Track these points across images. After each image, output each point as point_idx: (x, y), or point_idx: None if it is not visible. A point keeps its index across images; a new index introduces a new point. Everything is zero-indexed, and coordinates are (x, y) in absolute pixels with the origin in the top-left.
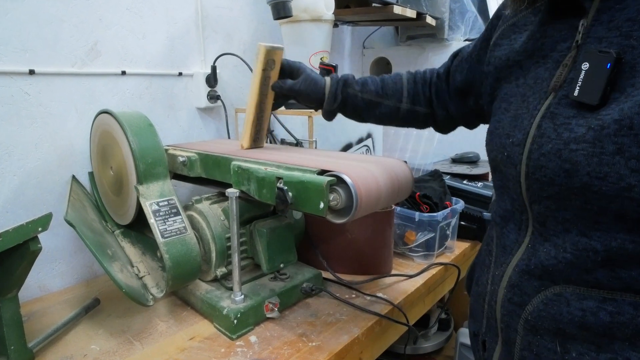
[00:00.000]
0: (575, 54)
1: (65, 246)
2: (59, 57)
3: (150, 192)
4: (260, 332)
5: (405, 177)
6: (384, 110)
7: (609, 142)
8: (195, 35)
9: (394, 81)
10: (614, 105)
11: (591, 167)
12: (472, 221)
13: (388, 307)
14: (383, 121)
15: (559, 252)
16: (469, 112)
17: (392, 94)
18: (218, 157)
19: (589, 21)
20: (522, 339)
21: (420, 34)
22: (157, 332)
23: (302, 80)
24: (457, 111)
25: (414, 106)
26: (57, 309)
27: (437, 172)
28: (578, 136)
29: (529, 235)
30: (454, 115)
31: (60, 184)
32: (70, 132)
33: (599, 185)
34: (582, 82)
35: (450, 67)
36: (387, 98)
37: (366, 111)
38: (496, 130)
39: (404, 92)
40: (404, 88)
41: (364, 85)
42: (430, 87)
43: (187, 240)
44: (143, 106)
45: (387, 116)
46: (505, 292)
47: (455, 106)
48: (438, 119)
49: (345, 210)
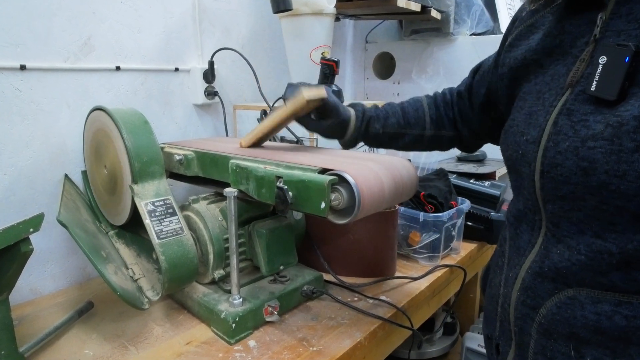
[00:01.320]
0: (593, 49)
1: (58, 247)
2: (51, 52)
3: (145, 192)
4: (259, 336)
5: (409, 176)
6: (408, 140)
7: (628, 140)
8: (192, 30)
9: (414, 109)
10: (632, 101)
11: (609, 165)
12: (479, 221)
13: (392, 310)
14: (407, 149)
15: (572, 254)
16: (494, 124)
17: (415, 122)
18: (216, 155)
19: (608, 14)
20: (536, 343)
21: (425, 28)
22: (153, 336)
23: (330, 125)
24: (482, 127)
25: (439, 131)
26: (49, 312)
27: (442, 170)
28: (596, 133)
29: (542, 236)
30: (479, 132)
31: (52, 183)
32: (62, 130)
33: (617, 184)
34: (600, 76)
35: (472, 83)
36: (411, 128)
37: (389, 143)
38: (510, 129)
39: (426, 118)
40: (426, 115)
41: (386, 120)
42: (453, 108)
43: (183, 242)
44: (138, 103)
45: (412, 145)
46: (519, 294)
47: (479, 122)
48: (464, 139)
49: (347, 210)
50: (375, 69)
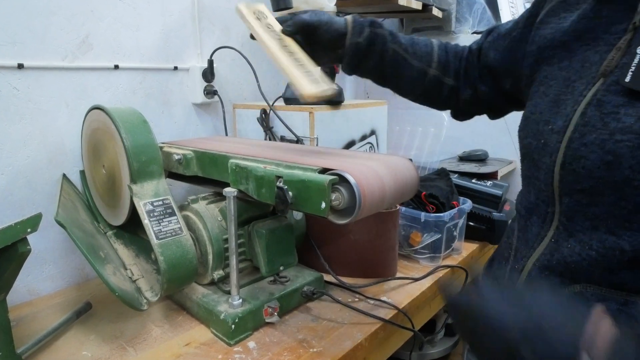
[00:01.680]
0: (632, 37)
1: (56, 248)
2: (49, 51)
3: (144, 192)
4: (259, 337)
5: (410, 176)
6: (409, 72)
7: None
8: (191, 28)
9: (425, 43)
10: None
11: (635, 159)
12: (481, 222)
13: (392, 311)
14: (405, 86)
15: (583, 249)
16: (501, 95)
17: (422, 55)
18: (215, 154)
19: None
20: None
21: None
22: (152, 337)
23: (312, 13)
24: (487, 92)
25: (443, 75)
26: (47, 313)
27: (443, 170)
28: (625, 126)
29: (553, 229)
30: (481, 97)
31: (50, 183)
32: (60, 129)
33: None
34: (636, 67)
35: (483, 44)
36: (416, 58)
37: (391, 67)
38: (532, 115)
39: (434, 56)
40: (434, 52)
41: (394, 35)
42: (461, 60)
43: (182, 242)
44: (137, 102)
45: (412, 80)
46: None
47: (486, 86)
48: (461, 98)
49: (347, 210)
50: None
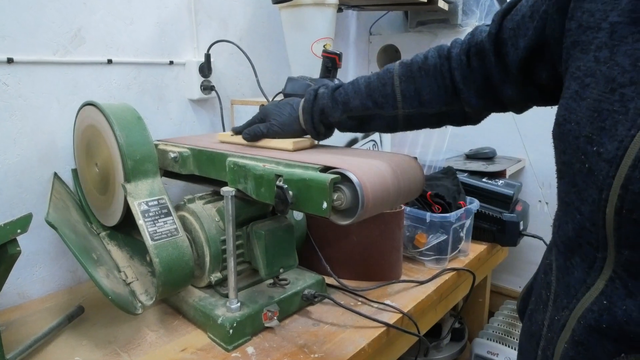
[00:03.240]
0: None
1: (47, 250)
2: (39, 45)
3: (138, 191)
4: (258, 342)
5: (415, 175)
6: (379, 123)
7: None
8: (187, 21)
9: (382, 83)
10: None
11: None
12: (491, 222)
13: (397, 315)
14: (386, 131)
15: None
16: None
17: (383, 101)
18: (212, 152)
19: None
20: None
21: (432, 19)
22: (146, 342)
23: (267, 123)
24: (513, 96)
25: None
26: (37, 317)
27: (450, 169)
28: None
29: (603, 280)
30: (507, 102)
31: (41, 182)
32: (52, 126)
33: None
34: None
35: (501, 34)
36: (379, 108)
37: (360, 128)
38: (567, 124)
39: (397, 95)
40: (395, 89)
41: (346, 105)
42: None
43: (178, 243)
44: (131, 97)
45: (386, 127)
46: (567, 348)
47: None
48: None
49: (350, 210)
50: (380, 62)
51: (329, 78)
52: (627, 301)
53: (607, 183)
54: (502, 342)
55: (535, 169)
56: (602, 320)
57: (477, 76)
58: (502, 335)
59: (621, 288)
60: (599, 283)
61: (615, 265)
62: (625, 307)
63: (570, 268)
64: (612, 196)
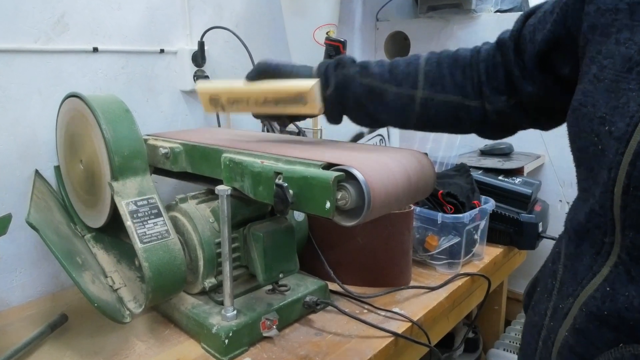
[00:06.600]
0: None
1: (27, 253)
2: (19, 32)
3: (126, 190)
4: (255, 353)
5: (426, 172)
6: (393, 101)
7: None
8: (179, 6)
9: (407, 62)
10: None
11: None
12: (507, 223)
13: (406, 324)
14: (399, 118)
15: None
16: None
17: (404, 78)
18: (206, 148)
19: None
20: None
21: (444, 3)
22: (135, 353)
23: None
24: (534, 93)
25: (436, 94)
26: (17, 326)
27: (463, 166)
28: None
29: (608, 266)
30: (526, 101)
31: (21, 180)
32: (33, 120)
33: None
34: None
35: (523, 29)
36: (396, 84)
37: (371, 103)
38: (583, 108)
39: (419, 75)
40: (419, 69)
41: (365, 68)
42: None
43: (170, 246)
44: (118, 89)
45: (400, 110)
46: (568, 336)
47: (534, 84)
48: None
49: (355, 211)
50: (388, 50)
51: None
52: (629, 287)
53: (617, 161)
54: None
55: (556, 166)
56: (604, 307)
57: (500, 70)
58: (519, 345)
59: (624, 274)
60: (604, 269)
61: (620, 250)
62: (627, 293)
63: (580, 255)
64: (620, 174)
